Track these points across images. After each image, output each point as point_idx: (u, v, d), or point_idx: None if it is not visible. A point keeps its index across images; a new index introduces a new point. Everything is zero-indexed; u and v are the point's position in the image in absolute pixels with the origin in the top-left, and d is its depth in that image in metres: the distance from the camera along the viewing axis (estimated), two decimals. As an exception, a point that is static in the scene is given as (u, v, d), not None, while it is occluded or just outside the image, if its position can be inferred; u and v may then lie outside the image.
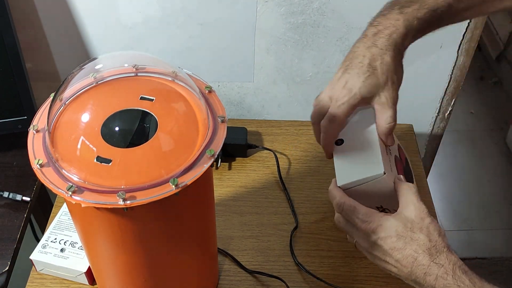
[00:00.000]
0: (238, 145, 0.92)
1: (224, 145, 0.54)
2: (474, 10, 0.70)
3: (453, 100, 1.02)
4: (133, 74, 0.61)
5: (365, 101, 0.66)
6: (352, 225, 0.63)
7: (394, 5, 0.67)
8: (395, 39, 0.64)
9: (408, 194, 0.62)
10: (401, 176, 0.66)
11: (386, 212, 0.65)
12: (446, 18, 0.68)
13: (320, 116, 0.68)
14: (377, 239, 0.59)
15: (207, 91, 0.59)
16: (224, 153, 0.92)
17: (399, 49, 0.65)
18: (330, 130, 0.68)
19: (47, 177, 0.50)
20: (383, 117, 0.67)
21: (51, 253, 0.75)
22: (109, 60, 0.63)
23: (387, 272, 0.62)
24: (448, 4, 0.67)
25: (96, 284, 0.75)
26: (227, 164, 0.92)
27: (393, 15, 0.66)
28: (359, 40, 0.67)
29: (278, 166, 0.91)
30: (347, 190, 0.66)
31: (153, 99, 0.56)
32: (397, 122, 1.03)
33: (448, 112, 1.04)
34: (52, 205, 0.86)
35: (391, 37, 0.65)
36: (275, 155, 0.93)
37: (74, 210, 0.57)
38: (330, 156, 0.72)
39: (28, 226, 0.90)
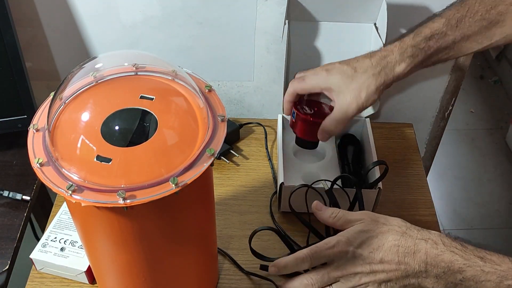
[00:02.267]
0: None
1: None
2: (470, 41, 0.71)
3: (453, 99, 1.02)
4: (133, 73, 0.61)
5: (328, 90, 0.74)
6: (324, 268, 0.62)
7: (398, 37, 0.74)
8: (387, 62, 0.71)
9: (342, 215, 0.64)
10: (318, 205, 0.69)
11: None
12: (444, 48, 0.71)
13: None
14: (353, 252, 0.59)
15: (207, 90, 0.59)
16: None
17: (385, 74, 0.71)
18: (291, 88, 0.78)
19: (47, 176, 0.50)
20: (331, 116, 0.75)
21: (51, 252, 0.75)
22: (109, 59, 0.63)
23: None
24: (444, 33, 0.70)
25: (96, 283, 0.75)
26: (229, 161, 0.93)
27: (395, 42, 0.73)
28: (370, 52, 0.74)
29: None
30: None
31: (153, 98, 0.56)
32: (397, 121, 1.04)
33: (448, 111, 1.04)
34: (52, 204, 0.86)
35: (385, 59, 0.72)
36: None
37: (74, 209, 0.57)
38: (287, 113, 0.81)
39: (28, 225, 0.91)
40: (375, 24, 0.87)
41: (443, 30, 0.70)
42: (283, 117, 0.91)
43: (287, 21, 0.86)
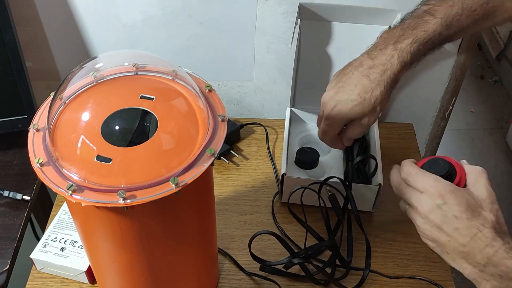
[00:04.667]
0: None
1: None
2: (465, 32, 0.72)
3: (453, 99, 1.02)
4: (133, 73, 0.61)
5: (350, 120, 0.74)
6: (413, 188, 0.60)
7: (388, 38, 0.72)
8: (388, 76, 0.71)
9: (481, 177, 0.60)
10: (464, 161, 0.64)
11: None
12: (438, 44, 0.72)
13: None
14: (442, 204, 0.57)
15: (207, 90, 0.59)
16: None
17: (390, 85, 0.71)
18: (327, 139, 0.78)
19: (47, 176, 0.50)
20: (355, 130, 0.75)
21: (51, 252, 0.75)
22: (109, 59, 0.63)
23: (429, 243, 0.60)
24: (439, 33, 0.70)
25: (96, 283, 0.75)
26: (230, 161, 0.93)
27: (389, 51, 0.71)
28: (354, 66, 0.73)
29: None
30: None
31: (153, 98, 0.56)
32: (397, 121, 1.04)
33: (448, 111, 1.04)
34: (52, 204, 0.86)
35: (385, 73, 0.71)
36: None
37: (74, 209, 0.57)
38: (340, 147, 0.80)
39: (28, 225, 0.90)
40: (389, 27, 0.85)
41: (439, 31, 0.70)
42: (291, 110, 0.91)
43: (298, 20, 0.85)
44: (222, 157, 0.93)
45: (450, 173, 0.61)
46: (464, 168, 0.62)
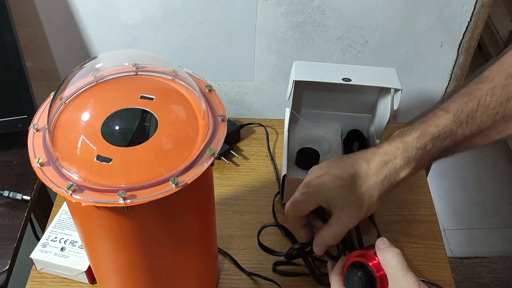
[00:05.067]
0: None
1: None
2: (483, 136, 0.63)
3: (453, 99, 1.02)
4: (133, 73, 0.61)
5: (325, 203, 0.65)
6: None
7: (398, 133, 0.65)
8: (389, 168, 0.62)
9: (396, 268, 0.58)
10: (384, 239, 0.61)
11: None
12: (452, 146, 0.63)
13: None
14: None
15: (207, 90, 0.59)
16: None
17: (389, 180, 0.63)
18: (291, 218, 0.69)
19: (47, 176, 0.50)
20: (329, 229, 0.65)
21: (51, 252, 0.75)
22: (109, 59, 0.63)
23: None
24: (451, 130, 0.62)
25: (96, 283, 0.75)
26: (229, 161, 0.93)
27: (395, 143, 0.63)
28: (360, 151, 0.65)
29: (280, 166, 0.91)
30: None
31: (153, 98, 0.56)
32: (398, 121, 1.04)
33: (448, 111, 1.04)
34: (52, 204, 0.86)
35: (387, 165, 0.63)
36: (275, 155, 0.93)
37: (74, 209, 0.57)
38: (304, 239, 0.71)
39: (28, 225, 0.90)
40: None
41: (451, 128, 0.62)
42: (291, 111, 0.92)
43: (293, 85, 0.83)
44: (222, 157, 0.93)
45: (369, 282, 0.59)
46: (380, 261, 0.59)
